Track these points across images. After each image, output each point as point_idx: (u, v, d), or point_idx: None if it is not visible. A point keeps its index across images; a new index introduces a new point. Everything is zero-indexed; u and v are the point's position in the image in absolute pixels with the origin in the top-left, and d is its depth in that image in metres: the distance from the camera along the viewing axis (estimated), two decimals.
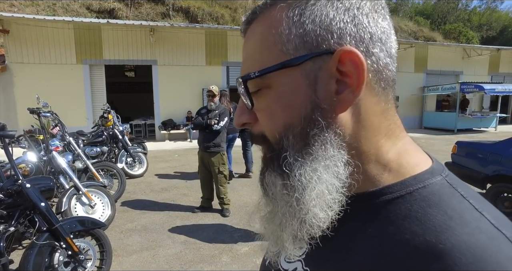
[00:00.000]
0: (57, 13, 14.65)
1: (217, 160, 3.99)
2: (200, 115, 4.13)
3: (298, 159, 0.37)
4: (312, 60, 0.36)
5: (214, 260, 2.99)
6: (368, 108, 0.38)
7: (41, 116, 3.40)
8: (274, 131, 0.39)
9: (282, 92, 0.38)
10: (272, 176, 0.40)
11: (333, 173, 0.37)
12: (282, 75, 0.37)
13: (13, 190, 2.20)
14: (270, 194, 0.41)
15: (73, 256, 2.33)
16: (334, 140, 0.37)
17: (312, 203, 0.37)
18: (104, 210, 3.66)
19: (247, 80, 0.39)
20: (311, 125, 0.37)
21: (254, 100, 0.40)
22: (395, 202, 0.37)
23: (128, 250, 3.19)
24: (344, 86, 0.36)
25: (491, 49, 14.94)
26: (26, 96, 9.58)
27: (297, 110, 0.37)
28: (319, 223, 0.37)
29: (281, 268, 0.50)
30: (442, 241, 0.31)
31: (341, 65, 0.36)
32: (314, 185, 0.37)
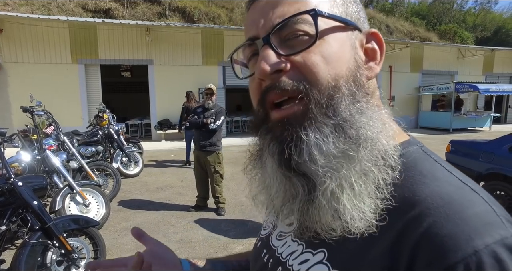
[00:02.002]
0: (52, 13, 14.53)
1: (213, 159, 3.99)
2: (196, 114, 4.10)
3: (357, 106, 0.39)
4: (355, 27, 0.43)
5: None
6: (373, 81, 0.45)
7: (34, 115, 3.37)
8: (327, 78, 0.38)
9: (333, 45, 0.40)
10: (323, 130, 0.36)
11: (383, 122, 0.40)
12: (337, 29, 0.41)
13: (5, 188, 2.18)
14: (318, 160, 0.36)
15: (66, 255, 2.32)
16: (370, 102, 0.41)
17: (380, 155, 0.37)
18: (98, 209, 3.64)
19: (319, 16, 0.39)
20: (360, 79, 0.41)
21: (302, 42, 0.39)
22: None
23: (122, 249, 3.18)
24: (369, 58, 0.44)
25: (485, 50, 15.06)
26: (20, 96, 9.50)
27: (347, 63, 0.40)
28: (388, 177, 0.37)
29: (271, 246, 0.52)
30: (417, 194, 0.36)
31: (366, 43, 0.44)
32: (379, 135, 0.38)
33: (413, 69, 14.41)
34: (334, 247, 0.39)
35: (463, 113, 13.34)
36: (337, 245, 0.39)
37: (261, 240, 0.57)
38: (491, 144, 4.27)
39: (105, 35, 10.36)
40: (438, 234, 0.32)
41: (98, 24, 10.11)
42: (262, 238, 0.57)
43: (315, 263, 0.41)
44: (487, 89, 12.14)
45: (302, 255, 0.43)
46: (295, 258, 0.44)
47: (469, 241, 0.31)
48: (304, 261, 0.42)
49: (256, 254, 0.56)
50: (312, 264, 0.41)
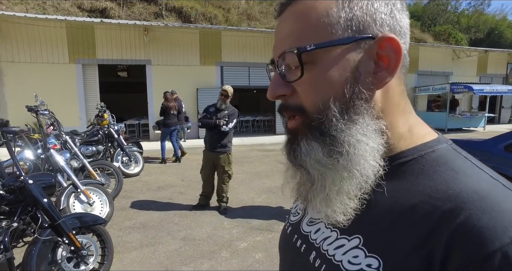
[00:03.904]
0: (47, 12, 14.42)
1: (223, 159, 4.01)
2: (208, 113, 4.05)
3: (344, 126, 0.42)
4: (357, 42, 0.41)
5: (214, 256, 3.03)
6: (393, 88, 0.45)
7: (39, 115, 3.39)
8: (317, 102, 0.43)
9: (328, 67, 0.42)
10: (311, 143, 0.44)
11: (372, 138, 0.42)
12: (329, 53, 0.42)
13: (15, 186, 2.20)
14: (308, 163, 0.44)
15: (75, 252, 2.35)
16: (371, 112, 0.43)
17: (359, 163, 0.42)
18: (102, 208, 3.67)
19: (302, 53, 0.42)
20: (354, 98, 0.42)
21: (295, 74, 0.43)
22: (409, 163, 0.44)
23: (127, 247, 3.21)
24: (380, 68, 0.43)
25: (480, 51, 15.28)
26: (16, 95, 9.45)
27: (342, 84, 0.42)
28: (367, 180, 0.42)
29: (303, 231, 0.55)
30: (451, 188, 0.39)
31: (380, 49, 0.42)
32: (361, 146, 0.42)
33: (409, 69, 14.20)
34: (370, 234, 0.42)
35: (458, 113, 13.53)
36: (373, 232, 0.42)
37: (291, 225, 0.60)
38: (487, 143, 4.38)
39: (102, 35, 10.33)
40: (475, 226, 0.34)
41: (95, 24, 10.08)
42: (292, 223, 0.60)
43: (351, 248, 0.43)
44: (481, 89, 12.32)
45: (337, 241, 0.46)
46: (330, 243, 0.47)
47: (505, 232, 0.33)
48: (339, 247, 0.45)
49: (286, 239, 0.59)
50: (348, 249, 0.43)
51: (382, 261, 0.39)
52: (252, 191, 5.08)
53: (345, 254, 0.44)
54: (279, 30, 0.47)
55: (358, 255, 0.42)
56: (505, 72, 16.81)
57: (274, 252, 3.09)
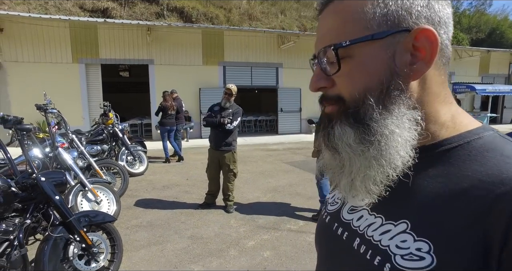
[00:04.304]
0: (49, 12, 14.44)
1: (228, 158, 4.02)
2: (212, 112, 4.07)
3: (379, 116, 0.44)
4: (392, 35, 0.43)
5: (222, 254, 3.04)
6: (432, 79, 0.46)
7: (47, 113, 3.40)
8: (355, 92, 0.45)
9: (364, 61, 0.45)
10: (344, 128, 0.46)
11: (407, 129, 0.44)
12: (365, 47, 0.44)
13: (28, 183, 2.21)
14: (340, 145, 0.46)
15: (86, 249, 2.36)
16: (406, 102, 0.44)
17: (390, 153, 0.43)
18: (109, 206, 3.67)
19: (338, 48, 0.45)
20: (390, 88, 0.44)
21: (334, 67, 0.46)
22: (454, 150, 0.45)
23: (136, 245, 3.21)
24: (416, 59, 0.44)
25: (482, 51, 15.28)
26: (20, 95, 9.47)
27: (377, 76, 0.44)
28: (395, 170, 0.44)
29: (343, 219, 0.56)
30: (503, 172, 0.39)
31: (416, 41, 0.43)
32: (394, 137, 0.43)
33: None
34: (418, 218, 0.43)
35: None
36: (420, 216, 0.42)
37: (329, 215, 0.61)
38: None
39: (106, 35, 10.35)
40: None
41: (98, 24, 10.09)
42: (331, 213, 0.61)
43: (398, 233, 0.44)
44: (484, 89, 12.32)
45: (383, 227, 0.46)
46: (375, 229, 0.47)
47: None
48: (385, 232, 0.45)
49: (325, 228, 0.60)
50: (395, 234, 0.44)
51: (433, 245, 0.40)
52: (257, 190, 5.08)
53: (392, 239, 0.44)
54: (319, 28, 0.50)
55: (406, 239, 0.42)
56: (507, 72, 16.81)
57: (282, 250, 3.10)
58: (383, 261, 0.43)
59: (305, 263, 2.88)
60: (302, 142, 10.48)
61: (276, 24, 16.52)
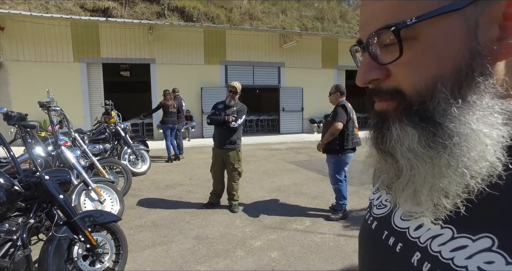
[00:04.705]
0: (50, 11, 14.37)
1: (233, 156, 3.96)
2: (216, 110, 4.01)
3: (457, 111, 0.34)
4: (474, 4, 0.33)
5: (229, 254, 2.98)
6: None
7: (50, 111, 3.34)
8: (420, 83, 0.36)
9: (434, 42, 0.35)
10: (405, 129, 0.37)
11: (496, 125, 0.34)
12: (436, 23, 0.34)
13: (32, 182, 2.15)
14: (398, 151, 0.37)
15: (91, 250, 2.30)
16: (494, 90, 0.34)
17: (471, 160, 0.34)
18: (113, 206, 3.62)
19: (401, 29, 0.35)
20: (471, 74, 0.34)
21: (392, 54, 0.37)
22: None
23: (140, 245, 3.15)
24: (508, 31, 0.34)
25: None
26: (21, 94, 9.41)
27: (452, 59, 0.34)
28: (476, 183, 0.34)
29: (395, 227, 0.46)
30: None
31: (510, 7, 0.33)
32: (475, 139, 0.34)
33: None
34: (509, 233, 0.32)
35: None
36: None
37: (376, 219, 0.51)
38: None
39: (107, 34, 10.31)
40: None
41: (100, 23, 10.05)
42: (378, 217, 0.51)
43: (480, 251, 0.33)
44: None
45: (454, 241, 0.37)
46: (443, 243, 0.38)
47: None
48: (459, 248, 0.35)
49: (373, 236, 0.51)
50: (475, 252, 0.34)
51: None
52: (262, 190, 5.02)
53: (471, 258, 0.34)
54: (367, 6, 0.40)
55: (494, 260, 0.32)
56: None
57: (289, 250, 3.04)
58: None
59: (314, 264, 2.82)
60: (304, 142, 10.42)
61: (277, 24, 16.47)
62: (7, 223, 2.03)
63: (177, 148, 7.52)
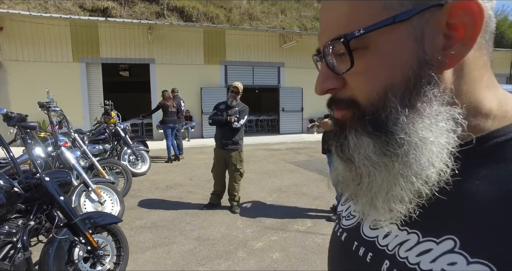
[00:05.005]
0: (49, 11, 14.32)
1: (235, 157, 3.95)
2: (218, 110, 3.99)
3: (407, 119, 0.35)
4: (420, 14, 0.33)
5: (230, 256, 2.96)
6: (471, 62, 0.36)
7: (50, 111, 3.32)
8: (372, 93, 0.36)
9: (384, 51, 0.35)
10: (361, 138, 0.37)
11: (444, 132, 0.35)
12: (385, 33, 0.34)
13: (32, 183, 2.13)
14: (356, 158, 0.38)
15: (92, 252, 2.28)
16: (441, 97, 0.35)
17: (421, 166, 0.35)
18: (113, 207, 3.59)
19: (350, 40, 0.35)
20: (419, 84, 0.34)
21: (345, 64, 0.37)
22: (509, 143, 0.36)
23: (141, 246, 3.13)
24: (452, 41, 0.34)
25: None
26: (20, 94, 9.38)
27: (401, 69, 0.35)
28: (429, 185, 0.35)
29: (365, 237, 0.46)
30: None
31: (452, 18, 0.33)
32: (425, 146, 0.34)
33: None
34: (470, 232, 0.33)
35: None
36: (473, 230, 0.33)
37: (345, 231, 0.51)
38: None
39: (106, 34, 10.28)
40: None
41: (99, 23, 10.02)
42: (347, 228, 0.51)
43: (443, 253, 0.34)
44: None
45: (420, 245, 0.37)
46: (409, 249, 0.38)
47: None
48: (424, 252, 0.36)
49: (343, 248, 0.50)
50: (439, 255, 0.34)
51: (496, 267, 0.30)
52: (262, 190, 5.01)
53: (435, 261, 0.34)
54: (323, 15, 0.40)
55: (456, 261, 0.32)
56: (509, 72, 16.78)
57: (291, 252, 3.03)
58: None
59: (316, 265, 2.80)
60: (304, 142, 10.41)
61: (277, 24, 16.46)
62: (7, 225, 2.01)
63: (177, 148, 7.50)
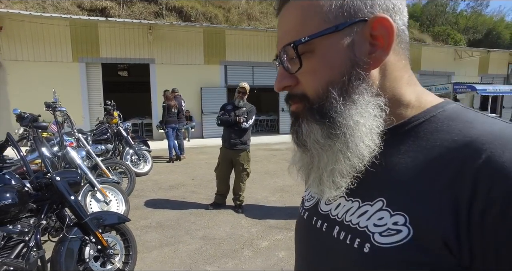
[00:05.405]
0: (47, 11, 14.25)
1: (243, 157, 3.98)
2: (225, 111, 4.01)
3: (343, 107, 0.44)
4: (350, 26, 0.44)
5: (237, 255, 2.98)
6: (392, 64, 0.47)
7: (55, 111, 3.32)
8: (318, 88, 0.46)
9: (325, 54, 0.45)
10: (311, 125, 0.47)
11: (372, 117, 0.44)
12: (325, 40, 0.44)
13: (43, 183, 2.15)
14: (308, 142, 0.47)
15: (102, 251, 2.29)
16: (370, 90, 0.45)
17: (356, 145, 0.44)
18: (118, 207, 3.61)
19: (298, 45, 0.45)
20: (352, 80, 0.44)
21: (296, 65, 0.46)
22: (422, 124, 0.46)
23: (147, 246, 3.15)
24: (375, 48, 0.44)
25: (481, 51, 15.36)
26: (20, 94, 9.35)
27: (339, 68, 0.45)
28: (362, 160, 0.45)
29: (321, 212, 0.55)
30: (467, 136, 0.41)
31: (373, 30, 0.44)
32: (358, 128, 0.44)
33: (412, 69, 14.53)
34: (393, 194, 0.43)
35: None
36: (395, 192, 0.43)
37: (307, 210, 0.60)
38: None
39: (106, 34, 10.26)
40: (497, 161, 0.36)
41: (99, 23, 10.00)
42: (308, 208, 0.60)
43: (375, 212, 0.44)
44: (484, 89, 12.36)
45: (360, 209, 0.47)
46: (352, 214, 0.47)
47: None
48: (362, 214, 0.46)
49: (305, 224, 0.59)
50: (372, 214, 0.44)
51: (408, 216, 0.40)
52: (265, 190, 5.03)
53: (370, 219, 0.44)
54: (279, 27, 0.50)
55: (383, 216, 0.43)
56: (506, 73, 16.91)
57: None
58: (363, 242, 0.44)
59: None
60: None
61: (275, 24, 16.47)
62: (19, 224, 2.02)
63: (178, 148, 7.51)
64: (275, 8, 0.51)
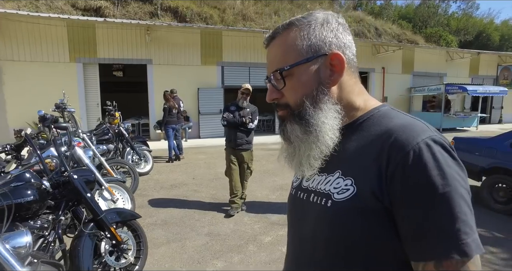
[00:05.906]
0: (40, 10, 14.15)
1: (248, 156, 4.11)
2: (229, 112, 4.11)
3: (314, 112, 0.66)
4: (316, 58, 0.67)
5: (242, 249, 3.11)
6: (346, 81, 0.69)
7: (65, 112, 3.40)
8: (297, 100, 0.68)
9: (300, 77, 0.67)
10: (293, 125, 0.68)
11: (333, 118, 0.66)
12: (300, 68, 0.67)
13: (60, 181, 2.24)
14: (292, 137, 0.68)
15: (116, 246, 2.40)
16: (331, 100, 0.67)
17: (323, 137, 0.66)
18: (124, 205, 3.70)
19: (282, 71, 0.67)
20: (319, 94, 0.67)
21: (281, 84, 0.69)
22: (365, 121, 0.69)
23: (155, 242, 3.25)
24: (333, 72, 0.67)
25: (472, 53, 15.71)
26: (16, 94, 9.33)
27: (310, 86, 0.67)
28: (328, 148, 0.66)
29: (303, 187, 0.76)
30: (387, 126, 0.64)
31: (331, 61, 0.67)
32: (324, 126, 0.66)
33: (405, 70, 14.88)
34: (345, 166, 0.66)
35: (453, 113, 13.88)
36: (346, 165, 0.66)
37: (294, 189, 0.81)
38: (493, 141, 4.56)
39: (103, 34, 10.27)
40: (398, 140, 0.59)
41: (96, 23, 10.01)
42: (295, 187, 0.81)
43: (334, 180, 0.66)
44: (475, 90, 12.68)
45: (326, 179, 0.69)
46: (321, 183, 0.69)
47: (414, 139, 0.58)
48: (328, 182, 0.68)
49: (293, 199, 0.80)
50: (333, 181, 0.67)
51: (354, 179, 0.63)
52: (265, 189, 5.16)
53: (331, 184, 0.66)
54: (268, 56, 0.73)
55: (339, 181, 0.65)
56: (495, 74, 17.31)
57: None
58: (327, 200, 0.65)
59: None
60: None
61: (270, 25, 16.60)
62: (39, 220, 2.12)
63: (177, 148, 7.59)
64: (265, 43, 0.73)
